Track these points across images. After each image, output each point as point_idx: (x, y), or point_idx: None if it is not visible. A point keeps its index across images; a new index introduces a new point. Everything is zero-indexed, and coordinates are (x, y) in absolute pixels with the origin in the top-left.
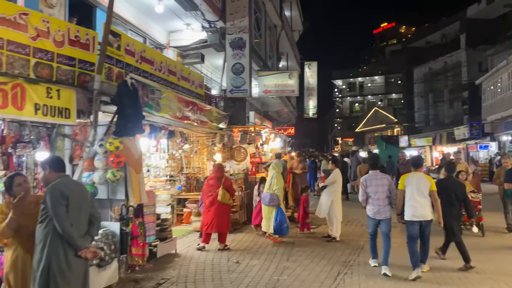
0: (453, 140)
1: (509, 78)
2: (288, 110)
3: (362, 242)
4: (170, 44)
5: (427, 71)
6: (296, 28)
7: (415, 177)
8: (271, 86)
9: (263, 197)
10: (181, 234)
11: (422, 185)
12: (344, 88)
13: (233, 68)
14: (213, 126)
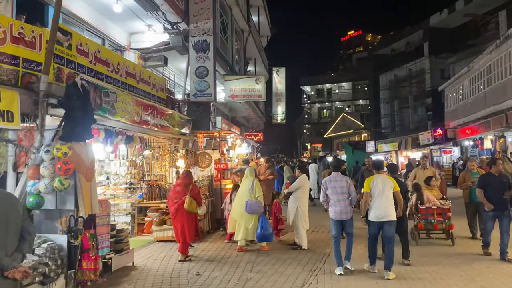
0: (418, 145)
1: (470, 84)
2: (256, 115)
3: (328, 249)
4: (131, 46)
5: (392, 78)
6: (264, 33)
7: (379, 179)
8: (238, 90)
9: (248, 205)
10: (140, 245)
11: (386, 187)
12: (313, 95)
13: (197, 71)
14: (175, 131)
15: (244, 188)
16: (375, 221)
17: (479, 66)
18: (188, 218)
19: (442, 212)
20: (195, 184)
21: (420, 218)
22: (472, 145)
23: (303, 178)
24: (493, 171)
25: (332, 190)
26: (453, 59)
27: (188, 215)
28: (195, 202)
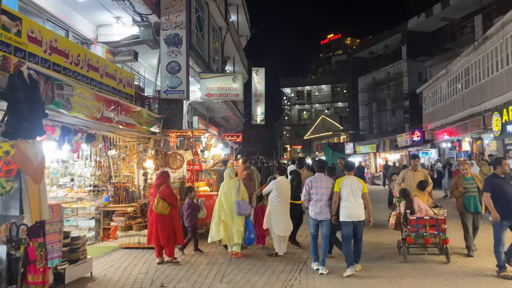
0: (396, 147)
1: (448, 86)
2: (235, 116)
3: (305, 255)
4: (98, 40)
5: (370, 80)
6: (243, 33)
7: (349, 180)
8: (214, 89)
9: (240, 206)
10: (103, 253)
11: (355, 188)
12: (293, 96)
13: (168, 66)
14: (143, 130)
15: (231, 189)
16: (348, 221)
17: (457, 68)
18: (160, 221)
19: (436, 223)
20: (168, 184)
21: (409, 230)
22: (450, 147)
23: (278, 180)
24: (498, 172)
25: (316, 190)
26: (430, 62)
27: (160, 217)
28: (165, 203)
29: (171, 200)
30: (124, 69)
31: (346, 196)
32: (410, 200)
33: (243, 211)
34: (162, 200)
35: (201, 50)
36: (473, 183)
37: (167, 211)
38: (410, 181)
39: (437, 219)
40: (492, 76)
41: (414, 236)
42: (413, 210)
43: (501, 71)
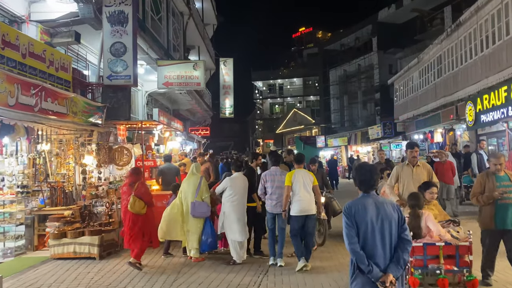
0: (367, 139)
1: (419, 76)
2: (201, 109)
3: (268, 262)
4: (31, 18)
5: (342, 73)
6: (209, 21)
7: (300, 174)
8: (173, 77)
9: (195, 207)
10: (28, 266)
11: (307, 181)
12: (265, 90)
13: (112, 48)
14: (78, 121)
15: (190, 187)
16: (299, 215)
17: (429, 57)
18: (137, 221)
19: (456, 253)
20: (143, 182)
21: (413, 264)
22: (422, 139)
23: (233, 177)
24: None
25: (271, 183)
26: (400, 54)
27: (135, 217)
28: (141, 202)
29: (147, 198)
30: (57, 50)
31: (298, 191)
32: (416, 215)
33: (198, 213)
34: (138, 199)
35: (158, 34)
36: (510, 185)
37: (144, 210)
38: (407, 180)
39: (457, 246)
40: (466, 64)
41: (421, 274)
42: (418, 233)
43: (475, 59)
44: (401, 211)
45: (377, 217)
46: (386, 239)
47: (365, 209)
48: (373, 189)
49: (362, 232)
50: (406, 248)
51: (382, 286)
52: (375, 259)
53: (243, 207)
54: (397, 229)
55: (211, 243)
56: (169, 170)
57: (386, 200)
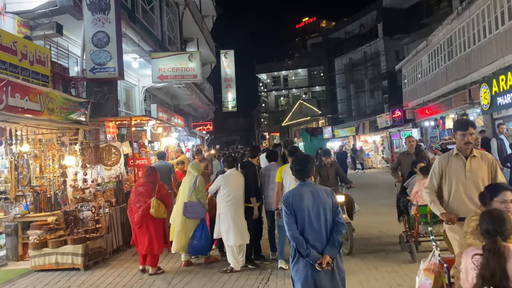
0: (376, 128)
1: (429, 60)
2: (203, 103)
3: (269, 268)
4: (6, 9)
5: (347, 61)
6: (208, 13)
7: None
8: (168, 70)
9: (188, 207)
10: (4, 281)
11: None
12: (269, 82)
13: (94, 38)
14: (57, 118)
15: (185, 187)
16: None
17: (438, 39)
18: (156, 226)
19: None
20: (162, 183)
21: None
22: (433, 126)
23: (227, 175)
24: None
25: (266, 179)
26: (407, 40)
27: (156, 222)
28: (163, 205)
29: (169, 201)
30: (31, 42)
31: (288, 188)
32: (498, 251)
33: (190, 214)
34: (161, 202)
35: (150, 25)
36: None
37: (165, 214)
38: (457, 180)
39: None
40: (479, 44)
41: None
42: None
43: (489, 37)
44: (334, 195)
45: (313, 204)
46: (322, 224)
47: (302, 197)
48: (308, 178)
49: (300, 218)
50: (340, 231)
51: (319, 267)
52: (313, 243)
53: (240, 207)
54: (331, 213)
55: (199, 247)
56: (160, 168)
57: (321, 187)
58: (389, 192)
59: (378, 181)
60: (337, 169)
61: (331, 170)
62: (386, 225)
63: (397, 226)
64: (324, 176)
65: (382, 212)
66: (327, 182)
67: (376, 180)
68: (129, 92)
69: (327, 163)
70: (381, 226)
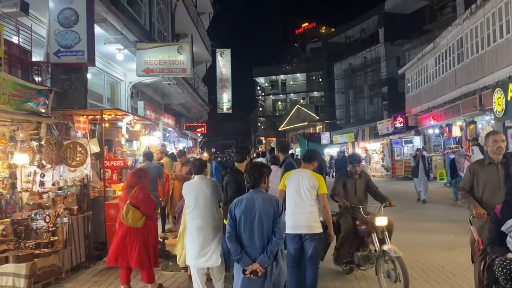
0: (376, 135)
1: (436, 63)
2: (196, 103)
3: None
4: None
5: (347, 66)
6: (204, 9)
7: (298, 176)
8: (154, 63)
9: None
10: None
11: (306, 186)
12: (267, 86)
13: (60, 16)
14: (5, 107)
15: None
16: (292, 233)
17: (447, 41)
18: (132, 237)
19: None
20: (143, 187)
21: None
22: (437, 133)
23: (192, 183)
24: None
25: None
26: (408, 46)
27: (132, 232)
28: (138, 212)
29: (146, 208)
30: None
31: (290, 198)
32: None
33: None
34: (133, 208)
35: (137, 13)
36: None
37: (141, 223)
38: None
39: None
40: (494, 45)
41: None
42: None
43: (506, 37)
44: (279, 205)
45: (251, 211)
46: (259, 232)
47: (245, 204)
48: (257, 186)
49: (241, 224)
50: (276, 241)
51: (243, 274)
52: (248, 249)
53: (208, 223)
54: (271, 223)
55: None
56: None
57: (268, 196)
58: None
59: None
60: (367, 180)
61: (359, 182)
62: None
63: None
64: (350, 190)
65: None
66: (354, 197)
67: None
68: (114, 87)
69: (355, 173)
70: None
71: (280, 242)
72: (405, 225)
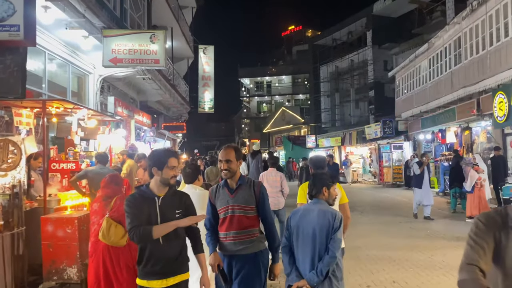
0: (364, 139)
1: (429, 65)
2: (175, 101)
3: None
4: None
5: (333, 69)
6: (187, 3)
7: None
8: (123, 52)
9: None
10: None
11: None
12: (252, 87)
13: None
14: None
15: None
16: None
17: (442, 42)
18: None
19: None
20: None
21: None
22: (429, 140)
23: None
24: None
25: (270, 183)
26: (396, 49)
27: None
28: (121, 227)
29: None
30: None
31: None
32: None
33: None
34: (115, 223)
35: None
36: None
37: (124, 240)
38: None
39: None
40: (498, 45)
41: None
42: None
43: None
44: (336, 219)
45: (307, 223)
46: (312, 246)
47: (300, 214)
48: (316, 196)
49: (294, 236)
50: (327, 259)
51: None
52: (300, 264)
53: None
54: (325, 238)
55: None
56: (97, 175)
57: (326, 208)
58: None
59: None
60: None
61: None
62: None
63: None
64: None
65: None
66: None
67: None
68: (81, 80)
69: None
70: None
71: (332, 262)
72: (406, 243)
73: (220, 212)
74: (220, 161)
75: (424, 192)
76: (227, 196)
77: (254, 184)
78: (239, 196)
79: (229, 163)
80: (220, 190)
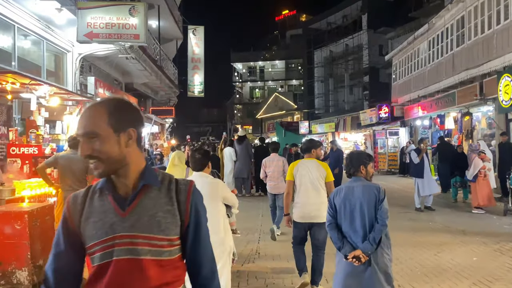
0: (358, 125)
1: (429, 47)
2: (162, 84)
3: None
4: None
5: (328, 54)
6: None
7: (306, 166)
8: (100, 26)
9: None
10: None
11: (315, 176)
12: (244, 73)
13: None
14: None
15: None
16: (300, 222)
17: (444, 22)
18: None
19: None
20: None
21: None
22: (427, 125)
23: None
24: None
25: (269, 168)
26: (392, 34)
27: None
28: None
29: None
30: None
31: (300, 188)
32: None
33: None
34: None
35: None
36: None
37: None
38: None
39: None
40: (506, 23)
41: None
42: None
43: None
44: (381, 192)
45: (353, 199)
46: (361, 220)
47: (344, 193)
48: (355, 174)
49: (341, 213)
50: (379, 228)
51: (345, 259)
52: (352, 238)
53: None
54: (374, 210)
55: None
56: (70, 161)
57: (368, 183)
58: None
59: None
60: None
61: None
62: None
63: None
64: None
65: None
66: None
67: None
68: (59, 59)
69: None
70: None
71: (383, 229)
72: (408, 237)
73: (91, 253)
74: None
75: (427, 181)
76: (110, 214)
77: (178, 185)
78: (140, 214)
79: (94, 141)
80: (94, 201)
